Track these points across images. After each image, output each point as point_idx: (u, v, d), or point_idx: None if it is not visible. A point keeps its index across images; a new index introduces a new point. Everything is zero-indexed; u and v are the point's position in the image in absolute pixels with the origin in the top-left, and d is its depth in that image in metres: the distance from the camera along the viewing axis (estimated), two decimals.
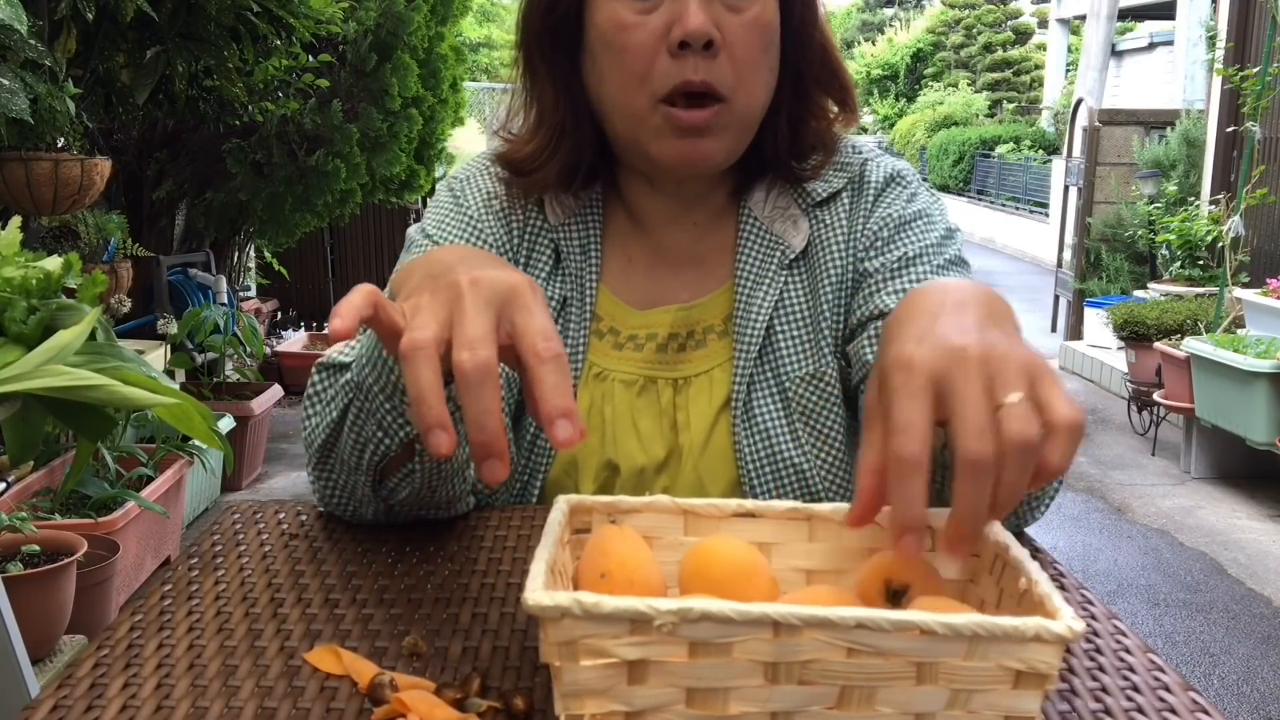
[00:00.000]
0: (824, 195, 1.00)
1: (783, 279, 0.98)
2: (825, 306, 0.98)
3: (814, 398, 0.97)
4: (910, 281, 0.95)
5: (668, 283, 1.01)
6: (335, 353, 0.85)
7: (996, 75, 20.87)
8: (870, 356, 0.94)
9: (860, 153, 1.03)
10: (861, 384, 0.94)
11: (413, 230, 1.03)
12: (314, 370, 0.88)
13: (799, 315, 0.98)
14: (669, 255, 1.01)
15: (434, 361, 0.59)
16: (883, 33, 26.09)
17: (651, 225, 1.02)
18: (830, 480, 0.96)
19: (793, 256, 0.99)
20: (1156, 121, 7.62)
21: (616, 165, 1.01)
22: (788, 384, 0.97)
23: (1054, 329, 7.47)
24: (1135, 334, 5.03)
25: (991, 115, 19.06)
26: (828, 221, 0.99)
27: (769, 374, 0.97)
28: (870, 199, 1.00)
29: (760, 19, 0.89)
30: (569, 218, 1.00)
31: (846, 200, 1.00)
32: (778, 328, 0.98)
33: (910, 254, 0.96)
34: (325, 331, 6.21)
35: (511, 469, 0.97)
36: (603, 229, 1.01)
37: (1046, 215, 11.78)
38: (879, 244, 0.98)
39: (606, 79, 0.92)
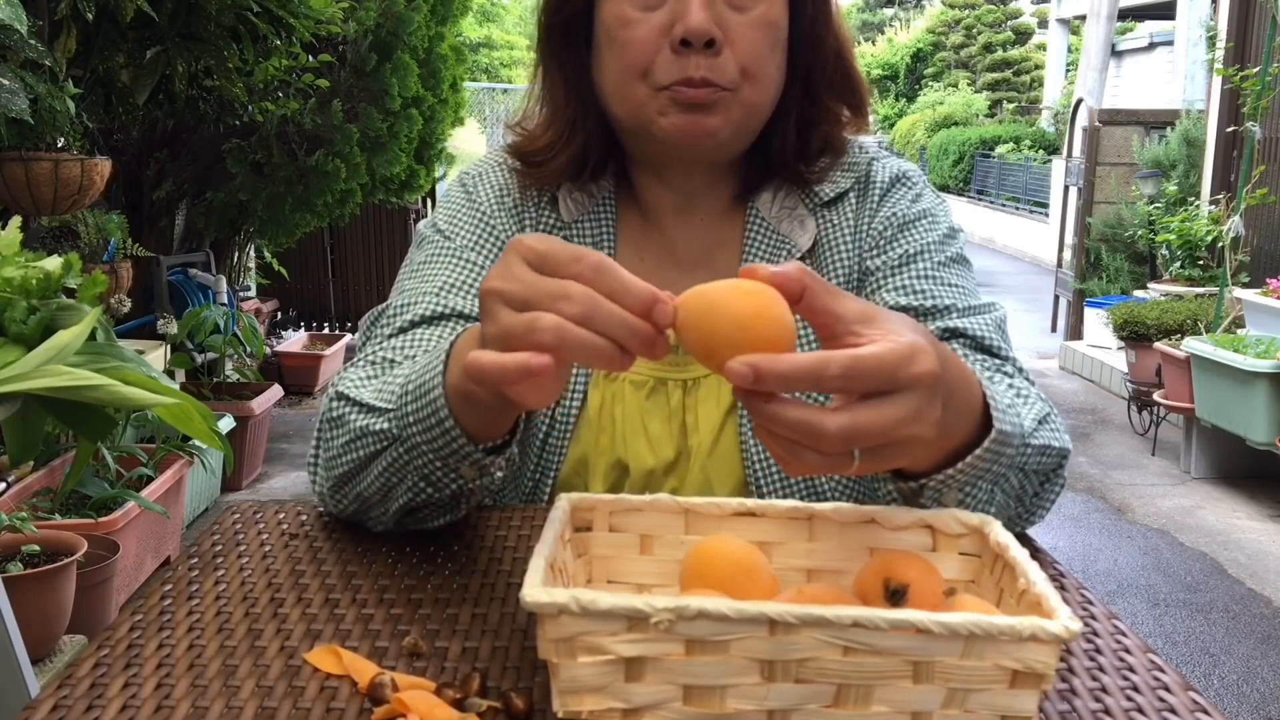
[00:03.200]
0: (831, 195, 1.00)
1: None
2: None
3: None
4: (911, 278, 0.95)
5: (678, 283, 1.00)
6: (366, 395, 0.83)
7: (996, 75, 20.87)
8: None
9: (866, 153, 1.03)
10: None
11: (423, 225, 1.03)
12: (335, 397, 0.85)
13: None
14: (679, 254, 1.02)
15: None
16: (883, 33, 26.09)
17: (661, 221, 1.02)
18: (837, 481, 0.95)
19: (799, 256, 0.99)
20: (1156, 121, 7.62)
21: (627, 160, 1.02)
22: None
23: (1054, 329, 7.47)
24: (1135, 334, 5.03)
25: (991, 115, 19.05)
26: (835, 221, 1.00)
27: None
28: (876, 198, 1.00)
29: (766, 17, 0.90)
30: (582, 215, 1.00)
31: (853, 200, 1.01)
32: None
33: (911, 251, 0.97)
34: (325, 331, 6.28)
35: (521, 470, 0.97)
36: (615, 228, 1.01)
37: (1046, 215, 11.78)
38: (882, 243, 0.98)
39: (608, 71, 0.93)
